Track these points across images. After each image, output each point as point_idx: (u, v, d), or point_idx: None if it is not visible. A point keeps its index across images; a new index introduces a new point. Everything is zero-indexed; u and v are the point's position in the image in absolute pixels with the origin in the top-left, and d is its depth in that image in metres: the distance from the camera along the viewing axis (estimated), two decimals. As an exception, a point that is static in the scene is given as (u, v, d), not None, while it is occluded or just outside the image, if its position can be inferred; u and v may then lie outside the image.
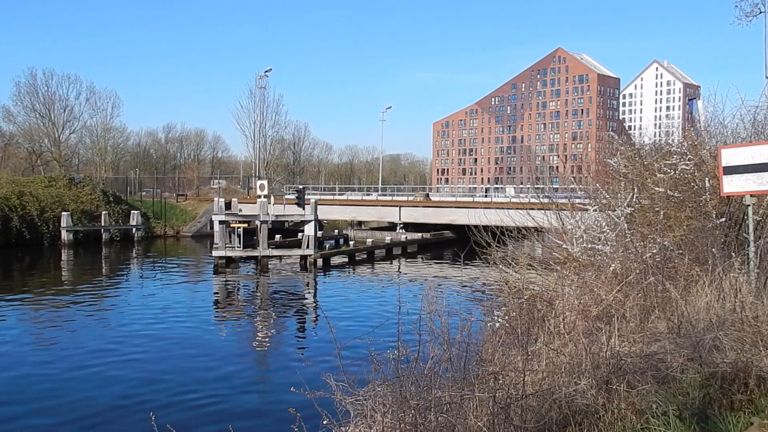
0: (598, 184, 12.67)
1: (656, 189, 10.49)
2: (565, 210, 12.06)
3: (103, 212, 52.34)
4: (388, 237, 47.80)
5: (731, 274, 7.21)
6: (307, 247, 35.73)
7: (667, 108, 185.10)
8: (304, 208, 37.39)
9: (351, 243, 47.85)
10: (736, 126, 11.49)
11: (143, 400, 12.95)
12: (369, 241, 45.78)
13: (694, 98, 13.90)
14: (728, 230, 9.22)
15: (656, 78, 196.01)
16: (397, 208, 53.39)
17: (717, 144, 10.66)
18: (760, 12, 15.78)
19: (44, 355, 16.71)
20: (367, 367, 5.36)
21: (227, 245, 35.05)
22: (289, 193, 54.18)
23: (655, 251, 8.81)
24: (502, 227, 12.35)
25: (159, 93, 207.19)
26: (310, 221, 36.05)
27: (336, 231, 55.95)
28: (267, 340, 20.00)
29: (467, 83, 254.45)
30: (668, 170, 10.54)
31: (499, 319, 9.10)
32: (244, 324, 22.30)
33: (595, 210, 11.36)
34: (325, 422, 5.14)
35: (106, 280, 33.76)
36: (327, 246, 42.83)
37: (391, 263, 41.28)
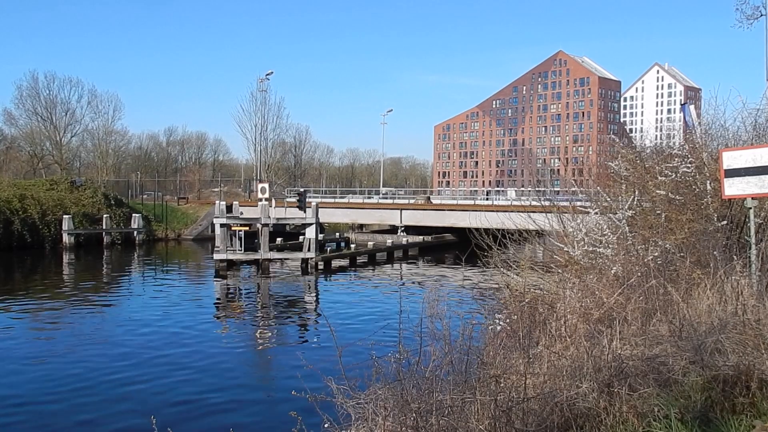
0: (599, 187, 12.65)
1: (657, 192, 10.48)
2: (566, 213, 12.05)
3: (105, 215, 52.37)
4: (389, 240, 47.80)
5: (733, 277, 7.19)
6: (308, 250, 35.73)
7: (668, 111, 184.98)
8: (305, 211, 37.39)
9: (352, 246, 47.86)
10: (737, 129, 11.48)
11: (144, 402, 12.94)
12: (370, 244, 45.77)
13: (686, 103, 13.85)
14: (730, 233, 9.21)
15: (657, 81, 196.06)
16: (398, 211, 53.38)
17: (718, 147, 10.66)
18: (761, 15, 15.79)
19: (44, 358, 16.70)
20: (369, 370, 5.35)
21: (228, 248, 35.05)
22: (291, 196, 54.20)
23: (656, 254, 8.80)
24: (503, 230, 12.35)
25: (160, 96, 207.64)
26: (312, 224, 36.06)
27: (337, 234, 55.95)
28: (268, 343, 19.99)
29: (468, 86, 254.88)
30: (669, 173, 10.54)
31: (501, 322, 9.09)
32: (245, 327, 22.30)
33: (596, 213, 11.35)
34: (326, 425, 5.13)
35: (107, 283, 33.78)
36: (328, 249, 42.82)
37: (392, 266, 41.26)
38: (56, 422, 12.09)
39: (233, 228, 35.66)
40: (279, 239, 46.13)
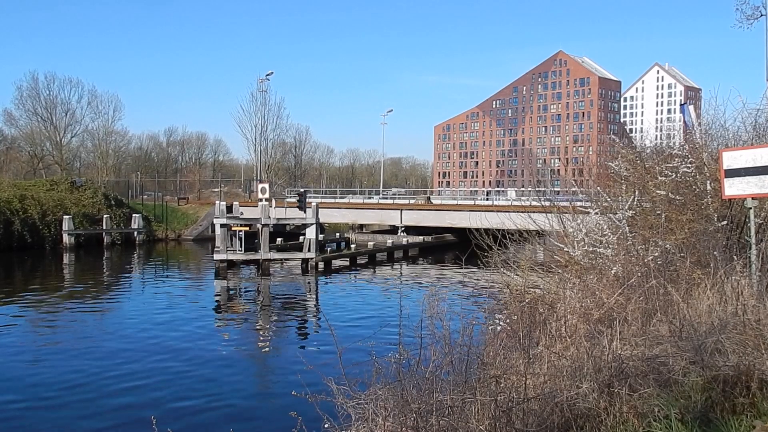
0: (599, 187, 12.65)
1: (657, 192, 10.48)
2: (566, 213, 12.05)
3: (105, 216, 52.36)
4: (389, 240, 47.79)
5: (733, 277, 7.19)
6: (309, 250, 35.73)
7: (668, 111, 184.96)
8: (305, 212, 37.40)
9: (352, 246, 47.88)
10: (737, 129, 11.48)
11: (144, 403, 12.95)
12: (370, 244, 45.76)
13: (685, 103, 13.83)
14: (730, 233, 9.20)
15: (657, 81, 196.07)
16: (399, 212, 53.38)
17: (718, 147, 10.65)
18: (761, 15, 15.77)
19: (44, 358, 16.71)
20: (369, 371, 5.35)
21: (229, 248, 35.06)
22: (291, 197, 54.20)
23: (656, 254, 8.80)
24: (503, 230, 12.35)
25: (160, 96, 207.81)
26: (312, 224, 36.06)
27: (337, 234, 55.96)
28: (268, 343, 19.99)
29: (468, 86, 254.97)
30: (669, 173, 10.54)
31: (501, 323, 9.09)
32: (245, 327, 22.29)
33: (596, 213, 11.35)
34: (326, 426, 5.13)
35: (107, 284, 33.78)
36: (328, 249, 42.83)
37: (393, 266, 41.27)
38: (56, 422, 12.09)
39: (233, 228, 35.67)
40: (279, 239, 46.14)
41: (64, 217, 48.53)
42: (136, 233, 53.84)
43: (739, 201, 8.84)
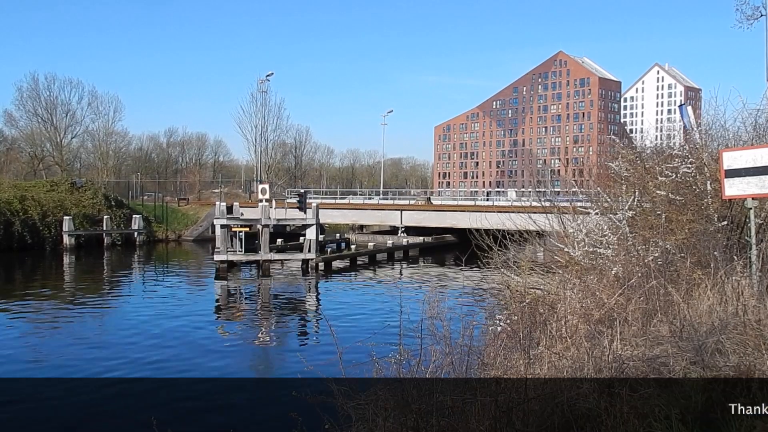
0: (599, 188, 12.66)
1: (658, 192, 10.48)
2: (566, 213, 12.06)
3: (105, 216, 52.33)
4: (389, 241, 47.77)
5: (733, 278, 7.19)
6: (309, 251, 35.71)
7: (669, 111, 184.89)
8: (305, 212, 37.38)
9: (352, 247, 47.84)
10: (737, 129, 11.47)
11: (144, 404, 12.93)
12: (370, 244, 45.74)
13: (684, 104, 13.83)
14: (730, 233, 9.20)
15: (657, 81, 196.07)
16: (399, 212, 53.37)
17: (718, 147, 10.64)
18: (761, 15, 15.75)
19: (44, 359, 16.71)
20: (369, 371, 5.36)
21: (229, 249, 35.05)
22: (291, 197, 54.19)
23: (657, 254, 8.80)
24: (503, 231, 12.36)
25: (160, 97, 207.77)
26: (312, 225, 36.05)
27: (337, 235, 55.94)
28: (268, 343, 19.99)
29: (468, 87, 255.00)
30: (670, 173, 10.54)
31: (501, 323, 9.10)
32: (245, 328, 22.29)
33: (596, 213, 11.35)
34: (326, 426, 5.13)
35: (107, 285, 33.78)
36: (329, 250, 42.81)
37: (393, 267, 41.25)
38: (55, 422, 12.08)
39: (233, 229, 35.66)
40: (279, 240, 46.13)
41: (65, 217, 48.51)
42: (136, 234, 53.82)
43: (740, 201, 8.84)
